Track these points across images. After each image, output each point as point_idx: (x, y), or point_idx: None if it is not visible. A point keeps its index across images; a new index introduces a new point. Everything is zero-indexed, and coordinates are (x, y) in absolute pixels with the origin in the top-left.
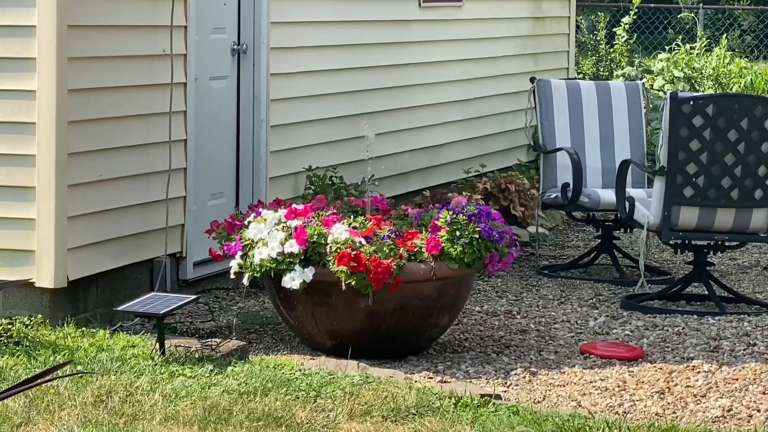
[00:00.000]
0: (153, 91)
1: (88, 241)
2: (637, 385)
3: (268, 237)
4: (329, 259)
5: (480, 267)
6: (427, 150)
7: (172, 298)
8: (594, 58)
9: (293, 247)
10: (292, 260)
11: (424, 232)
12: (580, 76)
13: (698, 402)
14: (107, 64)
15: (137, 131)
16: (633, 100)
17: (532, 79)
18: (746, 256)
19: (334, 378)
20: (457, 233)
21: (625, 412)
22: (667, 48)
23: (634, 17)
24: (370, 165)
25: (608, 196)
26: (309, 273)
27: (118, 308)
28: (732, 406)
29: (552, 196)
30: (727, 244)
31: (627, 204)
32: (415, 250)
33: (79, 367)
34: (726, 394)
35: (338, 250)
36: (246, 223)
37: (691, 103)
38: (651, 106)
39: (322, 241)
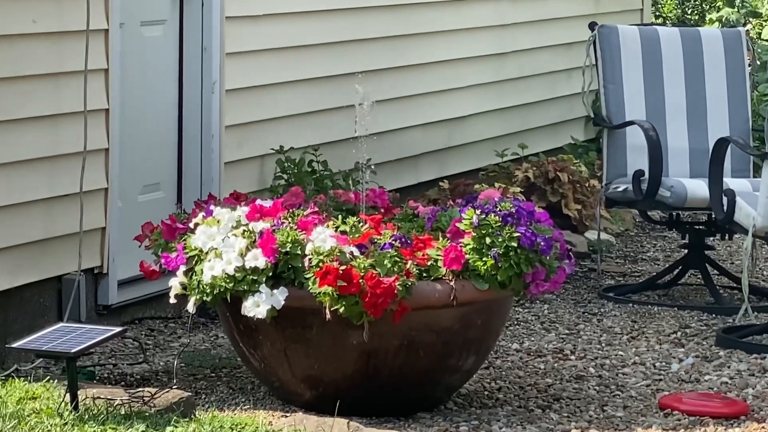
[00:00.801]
0: (61, 41)
1: None
2: None
3: (222, 246)
4: (308, 276)
5: (519, 288)
6: (446, 124)
7: (89, 331)
8: None
9: (258, 259)
10: (256, 278)
11: (440, 238)
12: (660, 20)
13: None
14: None
15: (39, 97)
16: (733, 55)
17: (592, 25)
18: None
19: None
20: (488, 240)
21: None
22: None
23: None
24: (366, 145)
25: (698, 188)
26: (280, 296)
27: (13, 345)
28: None
29: (620, 189)
30: None
31: (725, 200)
32: (429, 264)
33: None
34: None
35: (321, 264)
36: (192, 225)
37: None
38: (758, 62)
39: (299, 252)
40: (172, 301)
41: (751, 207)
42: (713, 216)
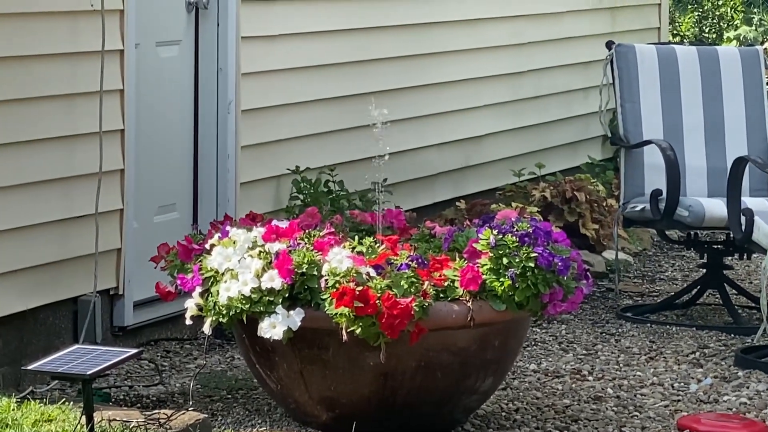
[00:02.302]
0: (76, 61)
1: None
2: None
3: (238, 267)
4: (324, 297)
5: (537, 308)
6: (462, 144)
7: (104, 352)
8: (696, 13)
9: (274, 280)
10: (272, 299)
11: (457, 259)
12: (677, 39)
13: None
14: (8, 23)
15: (53, 118)
16: (751, 74)
17: (609, 44)
18: None
19: None
20: (505, 261)
21: None
22: None
23: None
24: (383, 165)
25: (716, 208)
26: (296, 317)
27: (29, 367)
28: None
29: (638, 209)
30: None
31: (743, 219)
32: (446, 284)
33: None
34: None
35: (337, 285)
36: (208, 246)
37: None
38: None
39: (315, 273)
40: (188, 322)
41: None
42: (731, 235)
